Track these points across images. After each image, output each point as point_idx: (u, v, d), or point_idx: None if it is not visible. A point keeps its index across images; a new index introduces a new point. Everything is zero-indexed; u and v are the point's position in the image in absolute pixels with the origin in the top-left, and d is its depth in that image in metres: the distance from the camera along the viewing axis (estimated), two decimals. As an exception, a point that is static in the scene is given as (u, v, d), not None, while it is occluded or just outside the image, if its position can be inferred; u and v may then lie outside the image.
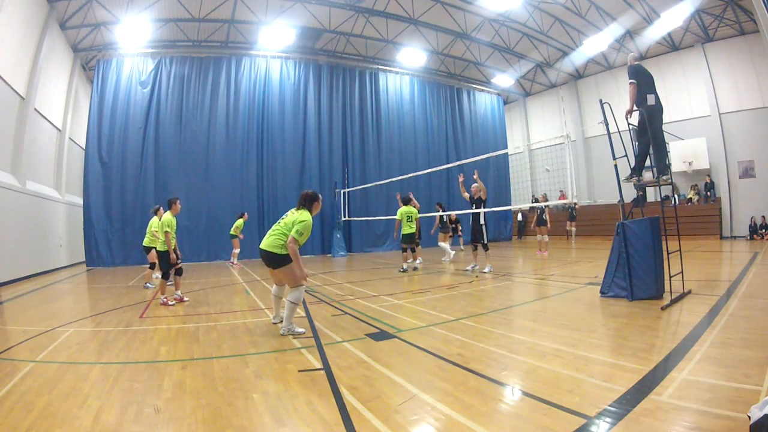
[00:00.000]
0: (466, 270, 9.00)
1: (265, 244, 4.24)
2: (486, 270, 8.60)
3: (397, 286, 7.49)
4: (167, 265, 6.18)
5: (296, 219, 4.20)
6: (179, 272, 6.34)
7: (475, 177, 8.73)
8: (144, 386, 2.91)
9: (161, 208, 8.01)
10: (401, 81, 19.13)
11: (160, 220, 6.83)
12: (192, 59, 15.14)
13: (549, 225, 13.22)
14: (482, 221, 8.62)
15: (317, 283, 8.22)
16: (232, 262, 12.91)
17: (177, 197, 6.54)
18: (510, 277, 8.15)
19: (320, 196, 4.54)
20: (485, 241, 8.62)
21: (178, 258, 6.16)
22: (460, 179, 9.33)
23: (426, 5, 15.47)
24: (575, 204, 14.34)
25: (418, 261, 10.28)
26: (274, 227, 4.33)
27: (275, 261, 4.20)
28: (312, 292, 6.97)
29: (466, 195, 9.08)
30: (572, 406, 2.35)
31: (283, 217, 4.40)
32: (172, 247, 6.05)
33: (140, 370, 3.26)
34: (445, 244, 11.68)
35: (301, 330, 4.26)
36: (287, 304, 4.21)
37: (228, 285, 8.41)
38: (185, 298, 6.35)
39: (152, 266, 8.19)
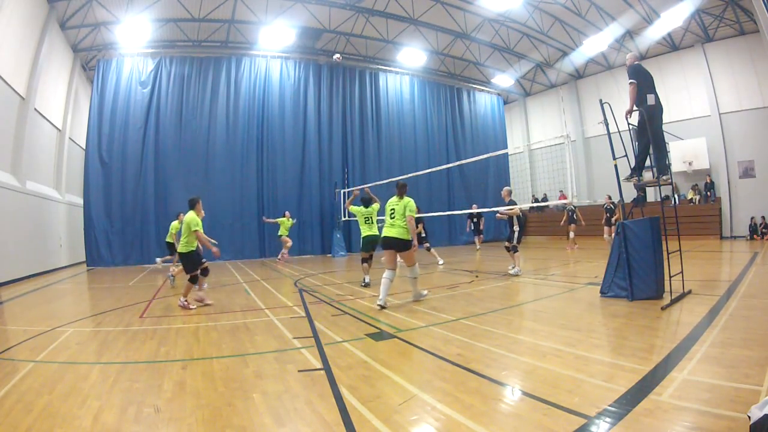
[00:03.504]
0: (509, 272, 8.56)
1: (393, 233, 5.42)
2: (509, 267, 8.57)
3: (397, 286, 7.46)
4: None
5: (406, 204, 5.44)
6: None
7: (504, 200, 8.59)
8: (144, 386, 2.91)
9: (182, 213, 8.73)
10: (401, 81, 19.13)
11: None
12: (192, 59, 15.14)
13: (583, 223, 13.92)
14: (515, 225, 8.40)
15: (317, 283, 8.22)
16: (281, 258, 12.96)
17: None
18: (510, 277, 8.14)
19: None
20: (514, 243, 8.40)
21: None
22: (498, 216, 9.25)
23: (426, 5, 15.46)
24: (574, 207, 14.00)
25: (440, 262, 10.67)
26: (389, 221, 5.49)
27: (404, 245, 5.43)
28: (312, 292, 6.98)
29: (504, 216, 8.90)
30: (572, 406, 2.35)
31: (390, 210, 5.52)
32: None
33: (140, 370, 3.26)
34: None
35: (425, 292, 5.99)
36: (411, 281, 5.70)
37: (228, 285, 8.42)
38: None
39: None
